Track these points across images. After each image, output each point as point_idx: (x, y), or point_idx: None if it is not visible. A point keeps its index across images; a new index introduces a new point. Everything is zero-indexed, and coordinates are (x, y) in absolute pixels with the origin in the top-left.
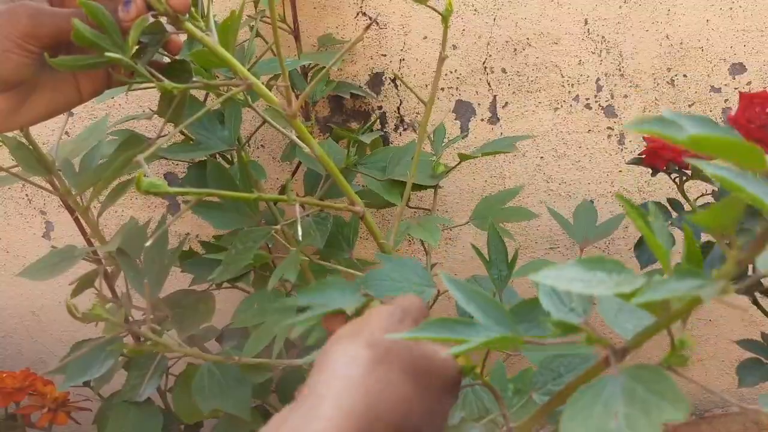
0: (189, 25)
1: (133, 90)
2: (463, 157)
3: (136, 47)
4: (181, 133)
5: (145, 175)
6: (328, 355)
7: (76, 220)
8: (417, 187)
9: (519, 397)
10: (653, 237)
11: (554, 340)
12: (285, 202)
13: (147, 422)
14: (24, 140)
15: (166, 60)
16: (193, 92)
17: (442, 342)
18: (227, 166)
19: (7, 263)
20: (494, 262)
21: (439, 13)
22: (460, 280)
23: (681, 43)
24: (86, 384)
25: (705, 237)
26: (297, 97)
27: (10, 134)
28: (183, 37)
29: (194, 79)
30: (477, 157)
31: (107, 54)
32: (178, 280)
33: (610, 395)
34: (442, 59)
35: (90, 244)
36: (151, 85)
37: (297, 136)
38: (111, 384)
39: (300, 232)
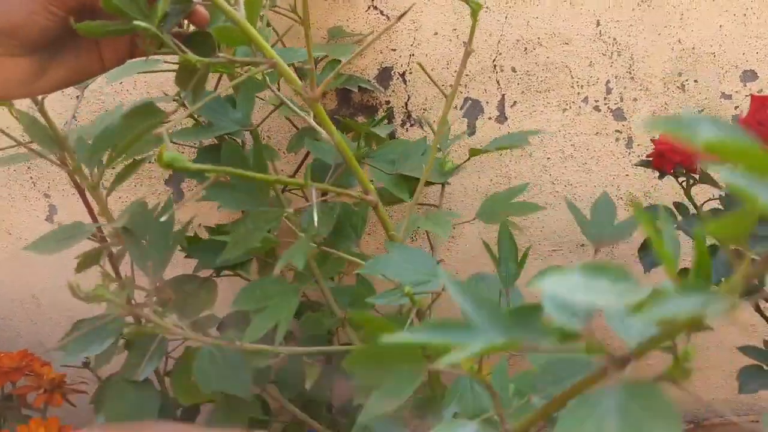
0: None
1: (147, 72)
2: (473, 153)
3: None
4: (192, 118)
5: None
6: None
7: (84, 198)
8: (425, 183)
9: (519, 398)
10: (662, 245)
11: (552, 347)
12: (302, 186)
13: (145, 403)
14: (39, 116)
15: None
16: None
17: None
18: None
19: (9, 246)
20: (503, 260)
21: (470, 6)
22: (460, 282)
23: (693, 48)
24: (85, 365)
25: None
26: None
27: (24, 109)
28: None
29: (219, 54)
30: (490, 151)
31: (135, 22)
32: (181, 268)
33: (604, 412)
34: (467, 53)
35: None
36: (164, 68)
37: (315, 121)
38: (110, 367)
39: (316, 218)
